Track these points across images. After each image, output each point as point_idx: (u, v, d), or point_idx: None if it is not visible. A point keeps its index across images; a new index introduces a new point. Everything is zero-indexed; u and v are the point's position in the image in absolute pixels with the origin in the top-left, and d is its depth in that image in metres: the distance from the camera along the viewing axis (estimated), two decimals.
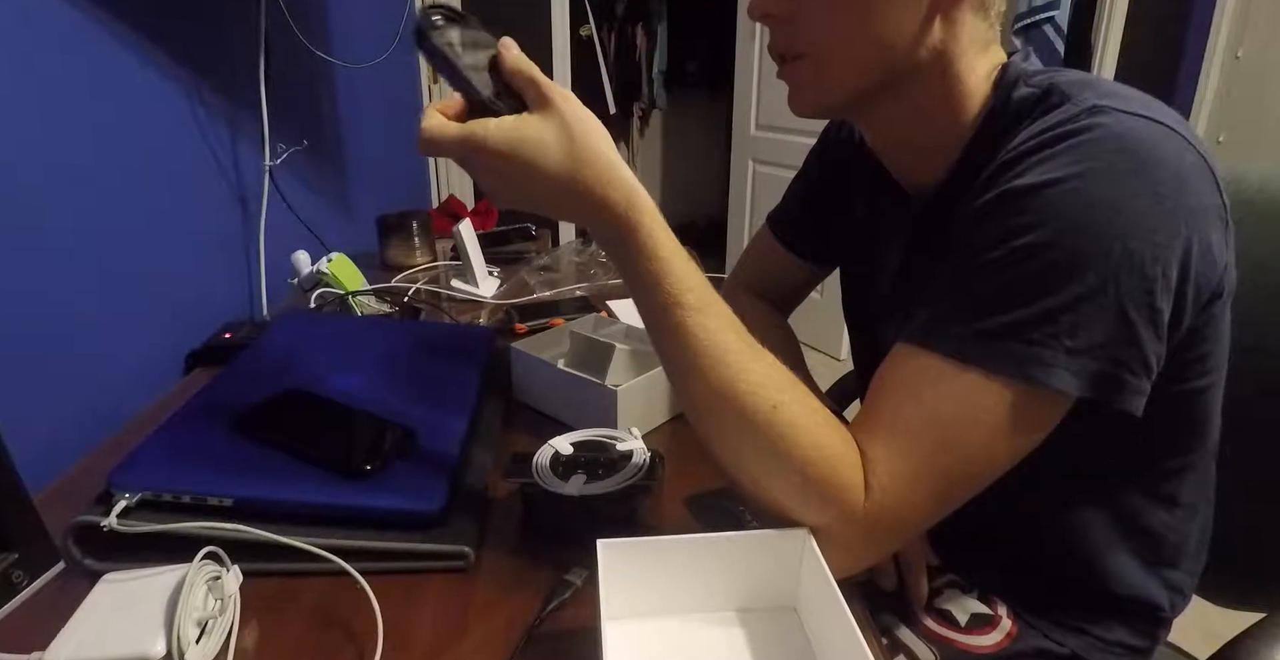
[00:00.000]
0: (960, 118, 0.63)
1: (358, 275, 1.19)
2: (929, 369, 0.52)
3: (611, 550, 0.51)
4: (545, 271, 1.38)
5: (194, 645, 0.49)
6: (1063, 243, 0.49)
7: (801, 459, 0.51)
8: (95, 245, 0.90)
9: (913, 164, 0.70)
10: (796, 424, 0.52)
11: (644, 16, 4.07)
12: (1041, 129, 0.54)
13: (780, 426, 0.51)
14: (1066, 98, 0.56)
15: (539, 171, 0.52)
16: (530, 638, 0.52)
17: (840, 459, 0.52)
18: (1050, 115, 0.55)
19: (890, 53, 0.60)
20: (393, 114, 2.36)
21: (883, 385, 0.55)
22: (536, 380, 0.84)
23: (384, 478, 0.62)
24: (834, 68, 0.62)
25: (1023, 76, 0.61)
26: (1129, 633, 0.72)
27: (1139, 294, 0.49)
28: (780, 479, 0.52)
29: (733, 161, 3.25)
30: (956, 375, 0.51)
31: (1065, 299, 0.48)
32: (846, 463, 0.52)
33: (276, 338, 0.88)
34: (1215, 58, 2.77)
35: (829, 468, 0.51)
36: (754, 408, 0.52)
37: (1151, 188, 0.49)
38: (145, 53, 1.02)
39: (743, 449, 0.53)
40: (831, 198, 0.85)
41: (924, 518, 0.54)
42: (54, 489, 0.71)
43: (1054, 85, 0.58)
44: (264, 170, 1.33)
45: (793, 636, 0.53)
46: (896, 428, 0.53)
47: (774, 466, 0.52)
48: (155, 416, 0.75)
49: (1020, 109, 0.59)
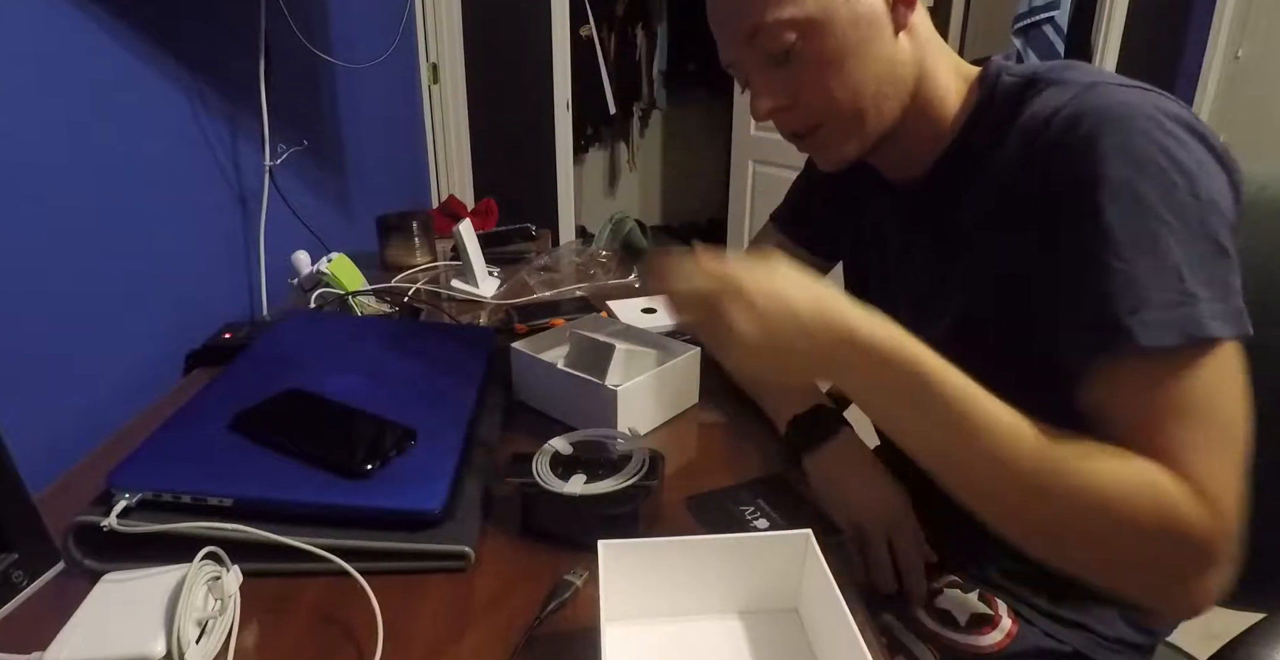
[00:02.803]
0: (942, 112, 0.68)
1: (358, 275, 1.19)
2: (1167, 365, 0.50)
3: (612, 551, 0.51)
4: (545, 271, 1.37)
5: (194, 645, 0.49)
6: (1161, 211, 0.51)
7: (1131, 512, 0.48)
8: (95, 245, 0.90)
9: (899, 160, 0.72)
10: (1105, 481, 0.49)
11: (644, 16, 4.07)
12: (1056, 109, 0.57)
13: (1089, 489, 0.49)
14: (1053, 81, 0.61)
15: (794, 300, 0.50)
16: (530, 638, 0.52)
17: (1166, 492, 0.48)
18: (1048, 93, 0.60)
19: (891, 86, 0.65)
20: (393, 114, 2.36)
21: (1137, 402, 0.52)
22: (536, 380, 0.84)
23: (384, 478, 0.62)
24: (854, 122, 0.66)
25: (1004, 69, 0.66)
26: (1129, 630, 0.72)
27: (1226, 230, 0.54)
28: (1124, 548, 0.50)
29: (733, 161, 3.25)
30: (1194, 358, 0.50)
31: (1198, 253, 0.51)
32: (1173, 494, 0.48)
33: (276, 338, 0.88)
34: (1215, 58, 2.77)
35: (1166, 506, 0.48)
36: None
37: (1190, 146, 0.53)
38: (145, 53, 1.02)
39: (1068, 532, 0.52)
40: (832, 194, 0.87)
41: (1241, 497, 0.50)
42: (54, 489, 0.71)
43: (1035, 72, 0.63)
44: (264, 170, 1.33)
45: (794, 638, 0.53)
46: (1186, 432, 0.50)
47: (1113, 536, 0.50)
48: (155, 416, 0.75)
49: (1009, 98, 0.64)
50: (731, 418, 0.85)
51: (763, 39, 0.63)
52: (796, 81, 0.65)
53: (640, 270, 0.65)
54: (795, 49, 0.63)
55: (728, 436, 0.82)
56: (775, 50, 0.63)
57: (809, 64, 0.63)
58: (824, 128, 0.67)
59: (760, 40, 0.64)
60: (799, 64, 0.64)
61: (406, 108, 2.55)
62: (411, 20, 2.48)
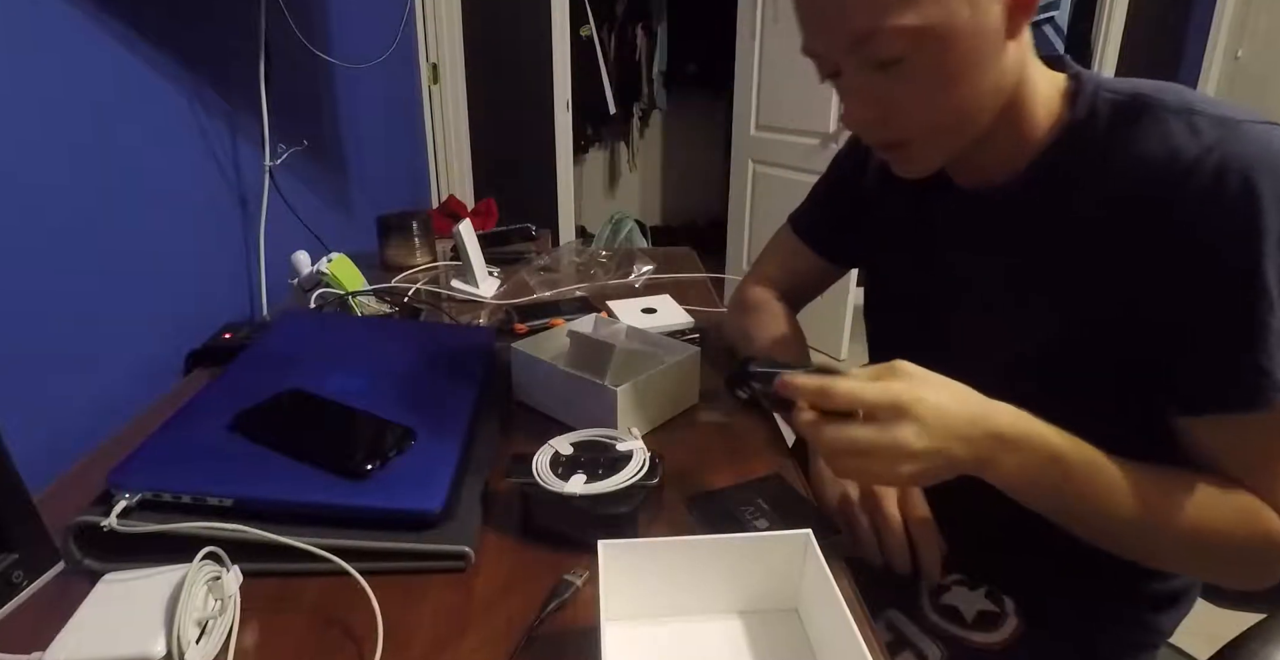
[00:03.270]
0: (1032, 122, 0.63)
1: (358, 275, 1.19)
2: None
3: (612, 551, 0.51)
4: (545, 271, 1.37)
5: (194, 645, 0.49)
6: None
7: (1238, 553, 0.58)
8: (95, 245, 0.90)
9: (980, 164, 0.67)
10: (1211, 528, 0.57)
11: (644, 16, 4.07)
12: (1198, 156, 0.55)
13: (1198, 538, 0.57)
14: (1169, 109, 0.58)
15: (954, 412, 0.53)
16: (530, 638, 0.52)
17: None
18: (1171, 127, 0.57)
19: (993, 98, 0.60)
20: (393, 114, 2.36)
21: (1256, 449, 0.57)
22: (536, 380, 0.84)
23: (384, 478, 0.62)
24: (944, 140, 0.62)
25: (1101, 86, 0.62)
26: (1135, 629, 0.72)
27: None
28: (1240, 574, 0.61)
29: (733, 161, 3.25)
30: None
31: None
32: (1267, 518, 0.56)
33: (276, 338, 0.88)
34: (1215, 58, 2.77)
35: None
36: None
37: None
38: (145, 53, 1.02)
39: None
40: (865, 196, 0.83)
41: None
42: (54, 489, 0.71)
43: (1140, 93, 0.60)
44: (264, 170, 1.33)
45: (794, 638, 0.53)
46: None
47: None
48: (155, 416, 0.75)
49: (1109, 118, 0.61)
50: (731, 418, 0.85)
51: (873, 46, 0.56)
52: (899, 92, 0.58)
53: (762, 395, 0.63)
54: (907, 58, 0.56)
55: (728, 436, 0.82)
56: (885, 58, 0.57)
57: (918, 77, 0.57)
58: (910, 145, 0.62)
59: (870, 47, 0.56)
60: (906, 75, 0.57)
61: (406, 108, 2.55)
62: (411, 20, 2.48)
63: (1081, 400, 0.59)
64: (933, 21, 0.54)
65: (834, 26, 0.57)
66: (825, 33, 0.59)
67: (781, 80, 2.88)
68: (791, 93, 2.84)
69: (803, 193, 0.97)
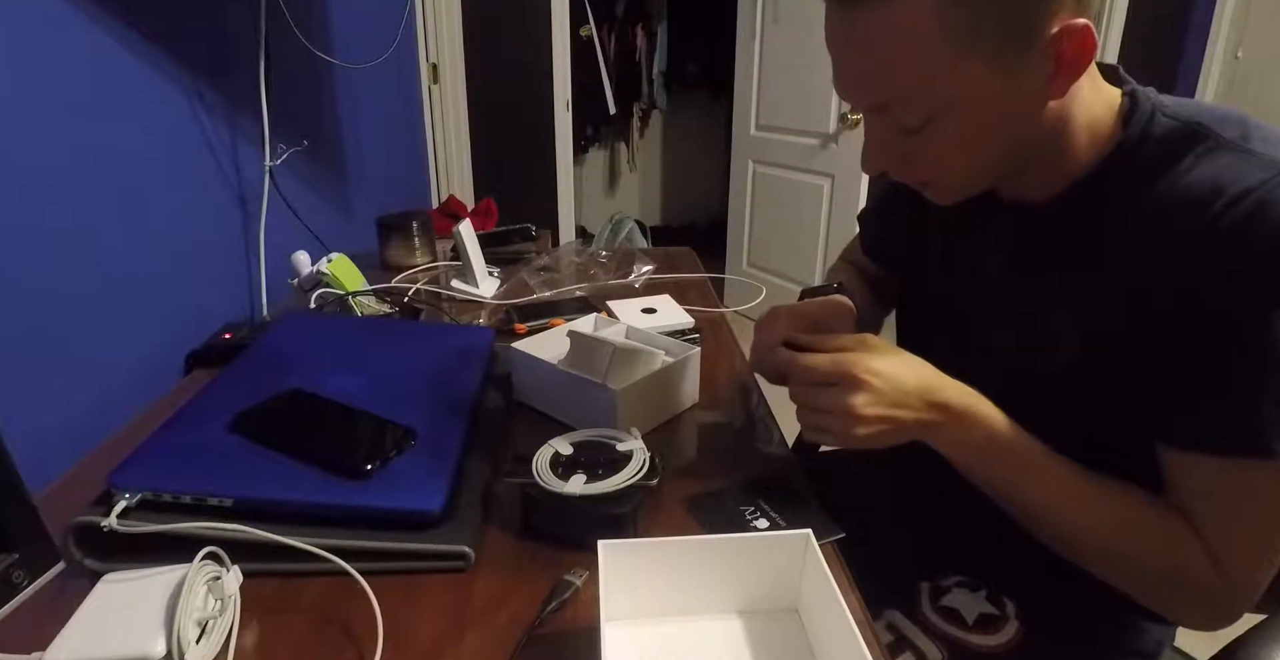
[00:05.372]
0: (1077, 149, 0.61)
1: (358, 275, 1.19)
2: (1270, 474, 0.55)
3: (612, 551, 0.51)
4: (545, 271, 1.37)
5: (194, 645, 0.49)
6: None
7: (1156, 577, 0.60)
8: (95, 245, 0.90)
9: (1024, 181, 0.66)
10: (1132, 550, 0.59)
11: (644, 17, 4.07)
12: (1244, 192, 0.53)
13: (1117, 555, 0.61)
14: (1225, 143, 0.56)
15: (904, 378, 0.59)
16: (530, 638, 0.52)
17: (1186, 567, 0.58)
18: (1224, 160, 0.55)
19: (1023, 150, 0.60)
20: (393, 114, 2.36)
21: (1221, 493, 0.57)
22: (536, 380, 0.84)
23: (384, 478, 0.62)
24: (971, 181, 0.63)
25: (1159, 109, 0.60)
26: (1138, 635, 0.72)
27: None
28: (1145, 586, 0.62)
29: (733, 161, 3.25)
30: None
31: None
32: (1189, 553, 0.57)
33: (276, 338, 0.88)
34: (1215, 58, 2.77)
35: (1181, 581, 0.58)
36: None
37: None
38: (145, 53, 1.02)
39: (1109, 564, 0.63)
40: (904, 202, 0.82)
41: (1262, 580, 0.58)
42: (54, 489, 0.71)
43: (1197, 120, 0.58)
44: (264, 170, 1.33)
45: (794, 638, 0.53)
46: (1259, 538, 0.57)
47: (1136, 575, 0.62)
48: (155, 416, 0.75)
49: (1164, 144, 0.58)
50: (731, 418, 0.85)
51: (894, 115, 0.57)
52: (920, 149, 0.59)
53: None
54: (929, 125, 0.56)
55: (728, 436, 0.82)
56: (907, 126, 0.57)
57: (939, 140, 0.57)
58: (934, 184, 0.64)
59: (891, 115, 0.57)
60: (929, 137, 0.57)
61: (406, 108, 2.55)
62: (411, 20, 2.48)
63: (1096, 417, 0.61)
64: (956, 95, 0.54)
65: (854, 95, 0.60)
66: (850, 96, 0.61)
67: (781, 80, 2.88)
68: (791, 93, 2.84)
69: (802, 192, 0.97)
